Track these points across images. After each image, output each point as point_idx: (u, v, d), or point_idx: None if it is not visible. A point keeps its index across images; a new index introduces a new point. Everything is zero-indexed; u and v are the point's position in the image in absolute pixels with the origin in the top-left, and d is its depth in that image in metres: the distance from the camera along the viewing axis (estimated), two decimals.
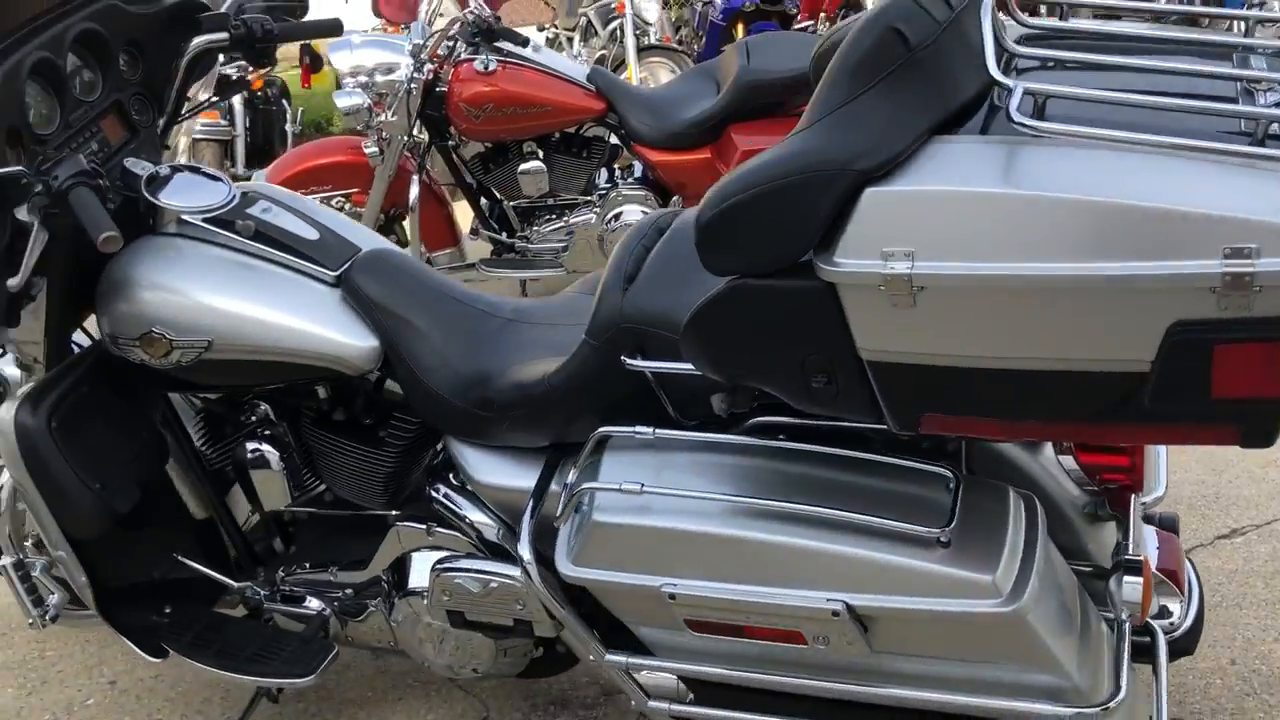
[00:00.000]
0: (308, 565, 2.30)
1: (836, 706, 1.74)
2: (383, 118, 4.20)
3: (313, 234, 2.16)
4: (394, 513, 2.18)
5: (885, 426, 1.55)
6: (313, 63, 4.10)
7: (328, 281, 2.11)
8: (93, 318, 2.15)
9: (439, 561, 2.03)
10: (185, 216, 2.10)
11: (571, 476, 1.83)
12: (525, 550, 1.85)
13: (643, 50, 6.49)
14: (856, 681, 1.67)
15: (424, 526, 2.12)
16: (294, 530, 2.37)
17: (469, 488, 2.05)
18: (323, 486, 2.28)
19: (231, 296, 2.06)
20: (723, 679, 1.76)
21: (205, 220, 2.11)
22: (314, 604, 2.28)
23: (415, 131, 4.30)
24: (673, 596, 1.67)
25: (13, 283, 1.95)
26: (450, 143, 4.41)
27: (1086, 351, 1.38)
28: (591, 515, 1.73)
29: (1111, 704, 1.57)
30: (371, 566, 2.20)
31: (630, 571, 1.71)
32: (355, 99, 4.15)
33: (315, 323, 2.06)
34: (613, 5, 6.40)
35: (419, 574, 2.12)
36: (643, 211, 4.24)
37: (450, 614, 2.06)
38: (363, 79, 4.26)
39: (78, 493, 2.13)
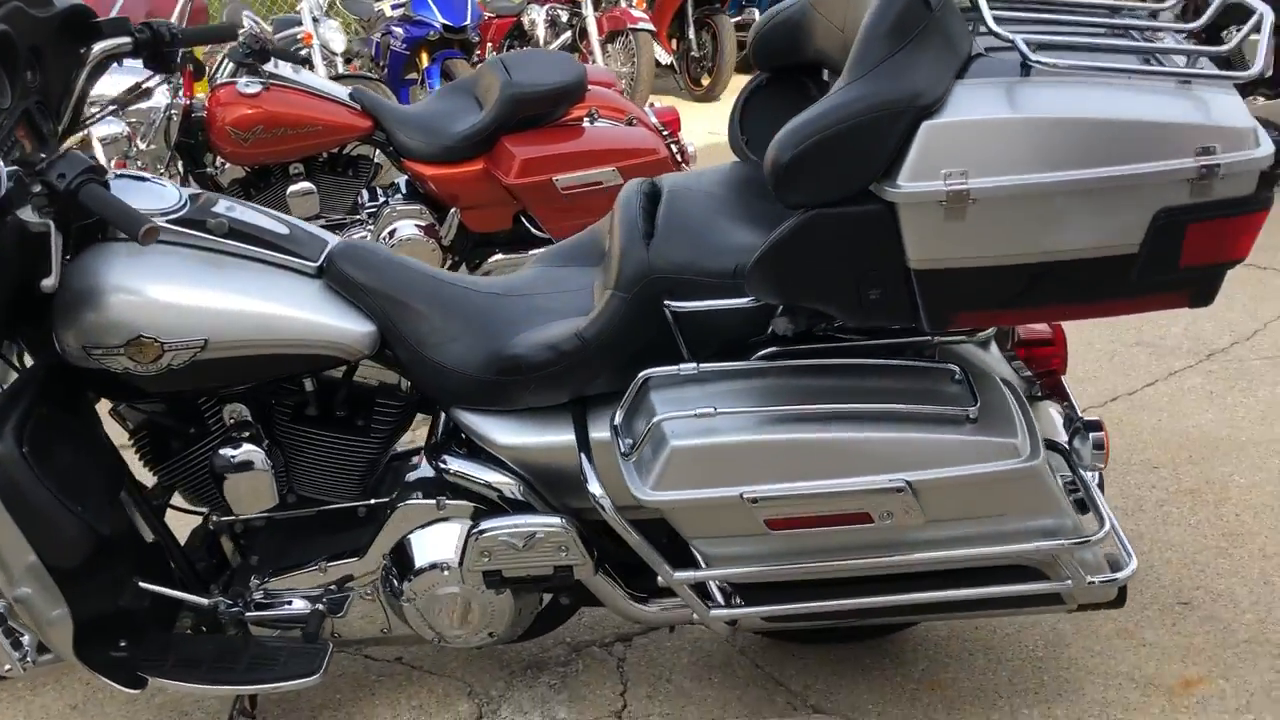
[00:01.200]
0: (282, 568, 2.27)
1: (869, 582, 2.02)
2: (141, 147, 4.02)
3: (282, 229, 2.18)
4: (388, 498, 2.22)
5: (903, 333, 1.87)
6: (196, 71, 3.87)
7: (309, 273, 2.13)
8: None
9: (475, 526, 2.11)
10: (159, 220, 2.03)
11: (618, 419, 2.00)
12: (596, 488, 1.98)
13: (334, 80, 6.48)
14: (905, 552, 1.96)
15: (433, 501, 2.18)
16: (244, 539, 2.31)
17: (485, 453, 2.13)
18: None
19: (222, 294, 2.04)
20: (781, 576, 1.99)
21: (171, 222, 2.06)
22: (298, 605, 2.25)
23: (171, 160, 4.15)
24: (755, 501, 1.89)
25: (48, 283, 1.85)
26: (209, 170, 4.28)
27: (1093, 240, 1.76)
28: (669, 442, 1.90)
29: (1100, 534, 1.97)
30: (370, 554, 2.22)
31: (711, 487, 1.90)
32: (114, 127, 3.94)
33: (311, 311, 2.08)
34: (299, 36, 6.33)
35: (435, 548, 2.17)
36: (417, 226, 4.30)
37: (486, 575, 2.14)
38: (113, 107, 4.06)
39: (61, 517, 2.02)
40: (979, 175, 1.70)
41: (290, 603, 2.26)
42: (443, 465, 2.17)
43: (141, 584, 2.22)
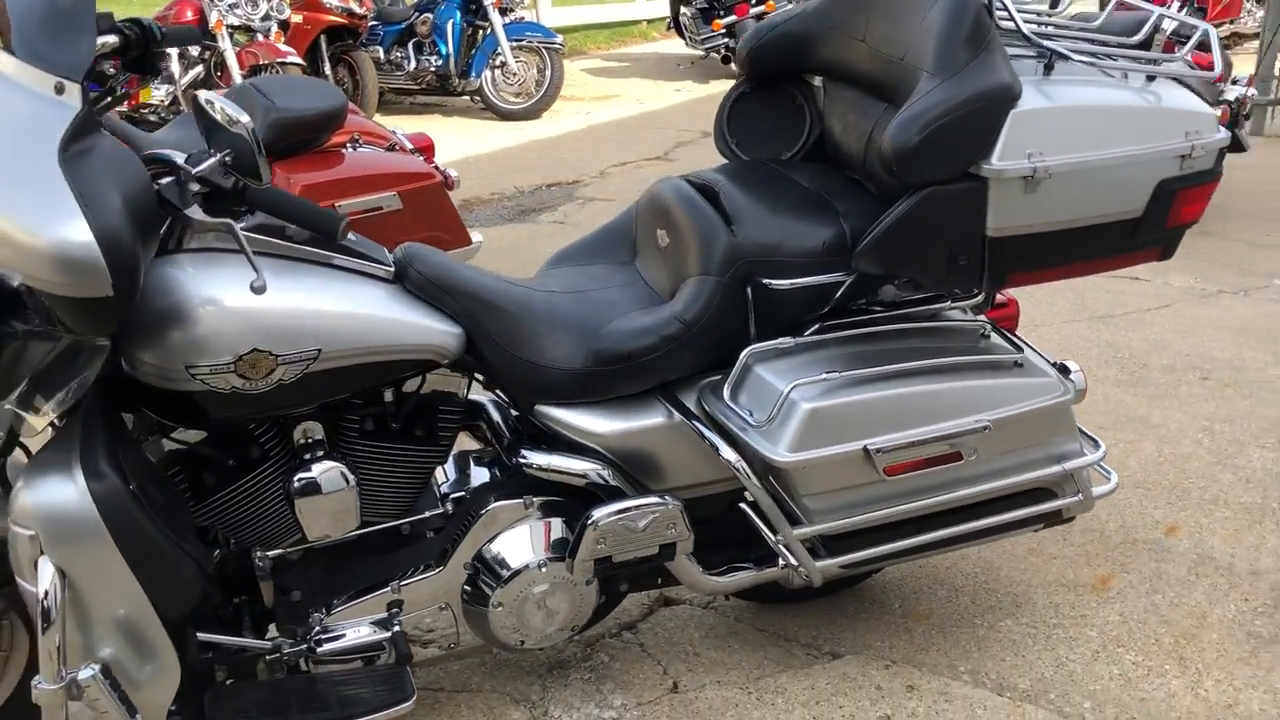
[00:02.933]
0: (347, 597, 2.16)
1: (932, 519, 2.30)
2: None
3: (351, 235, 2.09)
4: (462, 505, 2.20)
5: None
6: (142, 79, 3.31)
7: (388, 277, 2.08)
8: None
9: (590, 515, 2.14)
10: (238, 229, 1.90)
11: (727, 393, 2.14)
12: (731, 454, 2.10)
13: None
14: (981, 484, 2.26)
15: (519, 501, 2.19)
16: (289, 573, 2.17)
17: (566, 446, 2.18)
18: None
19: (327, 302, 1.96)
20: (886, 519, 2.22)
21: (247, 229, 1.94)
22: (366, 632, 2.16)
23: None
24: (879, 451, 2.11)
25: (259, 284, 1.69)
26: None
27: (1114, 206, 2.18)
28: (801, 405, 2.07)
29: (1101, 452, 2.39)
30: (451, 566, 2.17)
31: (839, 443, 2.10)
32: None
33: (409, 315, 2.04)
34: None
35: (529, 546, 2.18)
36: None
37: (598, 564, 2.17)
38: None
39: (178, 558, 1.84)
40: (1053, 155, 2.06)
41: (359, 631, 2.16)
42: (524, 462, 2.18)
43: (200, 634, 2.03)
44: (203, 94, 1.78)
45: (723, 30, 9.73)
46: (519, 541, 2.19)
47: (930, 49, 2.09)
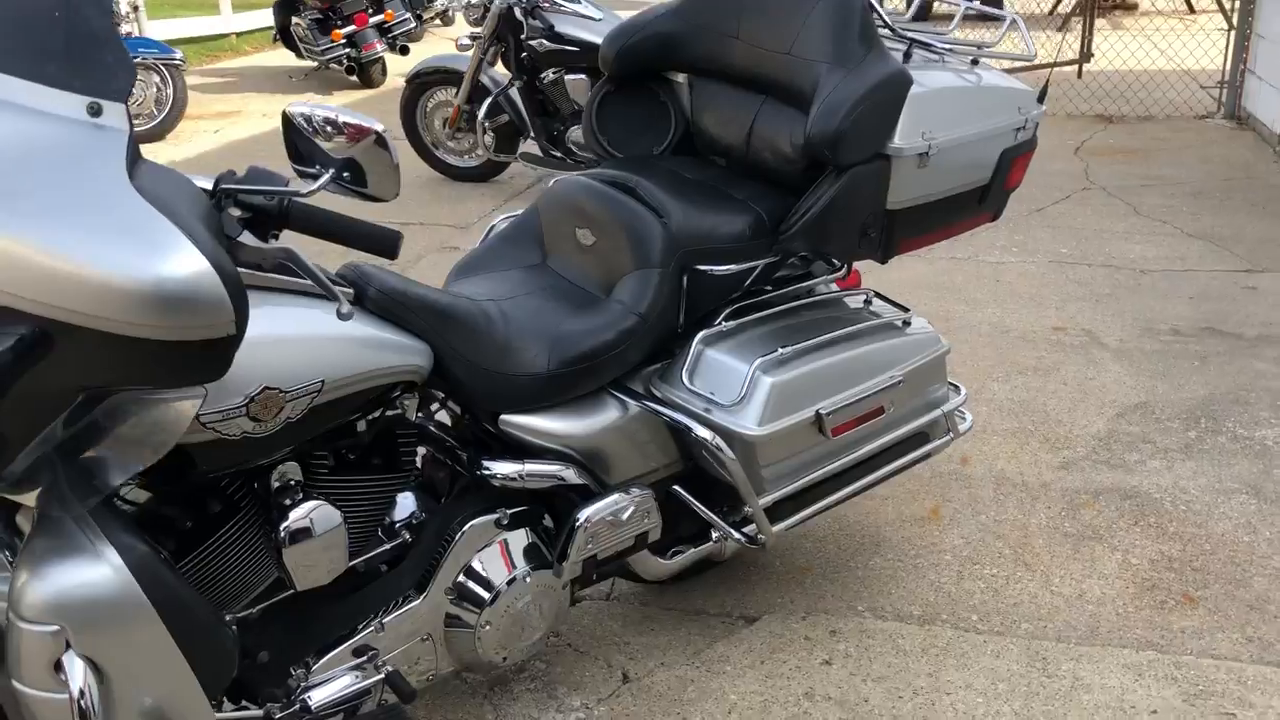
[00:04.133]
0: (327, 645, 2.03)
1: (853, 470, 2.50)
2: None
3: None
4: (436, 529, 2.13)
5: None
6: None
7: (351, 300, 1.97)
8: None
9: (576, 520, 2.15)
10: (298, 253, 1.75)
11: (686, 379, 2.22)
12: (706, 433, 2.17)
13: None
14: (892, 432, 2.49)
15: (494, 516, 2.15)
16: (259, 629, 2.01)
17: (525, 452, 2.16)
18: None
19: (318, 328, 1.83)
20: (829, 473, 2.39)
21: None
22: (354, 678, 2.04)
23: None
24: (828, 414, 2.27)
25: (345, 309, 1.53)
26: None
27: (974, 176, 2.48)
28: (764, 380, 2.19)
29: (964, 395, 2.70)
30: (432, 594, 2.10)
31: (796, 411, 2.24)
32: None
33: (387, 336, 1.96)
34: None
35: (511, 561, 2.15)
36: None
37: (585, 564, 2.17)
38: None
39: (218, 627, 1.67)
40: (940, 133, 2.32)
41: (347, 679, 2.03)
42: (489, 474, 2.14)
43: None
44: (294, 107, 1.61)
45: (343, 40, 9.50)
46: (500, 556, 2.15)
47: (825, 43, 2.28)
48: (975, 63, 2.56)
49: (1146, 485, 3.27)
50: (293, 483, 1.91)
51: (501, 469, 2.14)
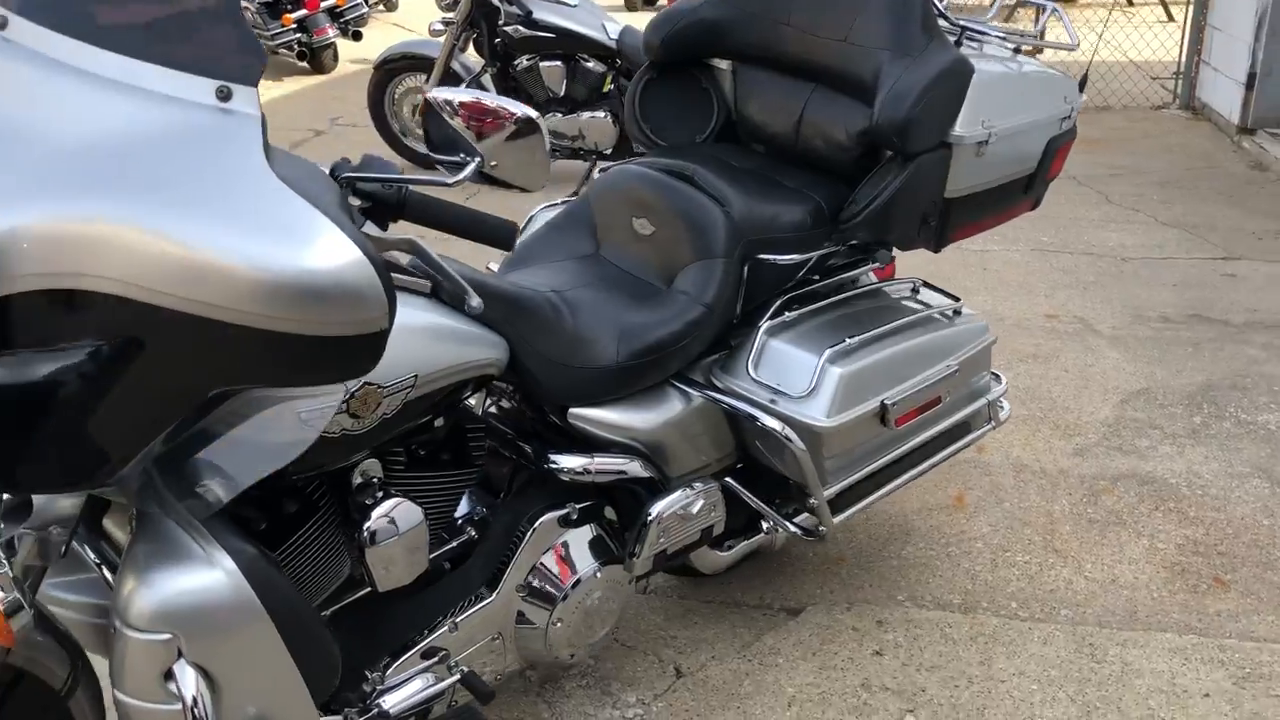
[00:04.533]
0: (400, 646, 1.97)
1: (906, 460, 2.49)
2: None
3: None
4: (506, 525, 2.08)
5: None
6: None
7: (427, 292, 1.91)
8: None
9: (649, 515, 2.12)
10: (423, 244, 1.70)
11: (751, 369, 2.20)
12: (776, 424, 2.14)
13: None
14: (945, 420, 2.48)
15: (563, 511, 2.11)
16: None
17: (592, 446, 2.13)
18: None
19: (405, 319, 1.76)
20: (887, 462, 2.38)
21: None
22: (428, 680, 1.98)
23: None
24: (891, 405, 2.26)
25: (475, 302, 1.47)
26: None
27: (1023, 165, 2.49)
28: (833, 370, 2.17)
29: (1006, 383, 2.70)
30: (503, 592, 2.05)
31: (862, 401, 2.22)
32: None
33: (468, 328, 1.90)
34: None
35: (585, 555, 2.12)
36: None
37: (655, 559, 2.14)
38: None
39: (324, 633, 1.62)
40: (997, 121, 2.32)
41: (419, 682, 1.98)
42: (557, 468, 2.09)
43: None
44: (437, 92, 1.54)
45: (294, 25, 9.30)
46: (570, 553, 2.11)
47: (886, 31, 2.26)
48: (1017, 51, 2.56)
49: (1161, 471, 3.31)
50: (374, 480, 1.85)
51: (570, 463, 2.10)
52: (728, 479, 2.33)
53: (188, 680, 1.46)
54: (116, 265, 1.23)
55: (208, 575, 1.47)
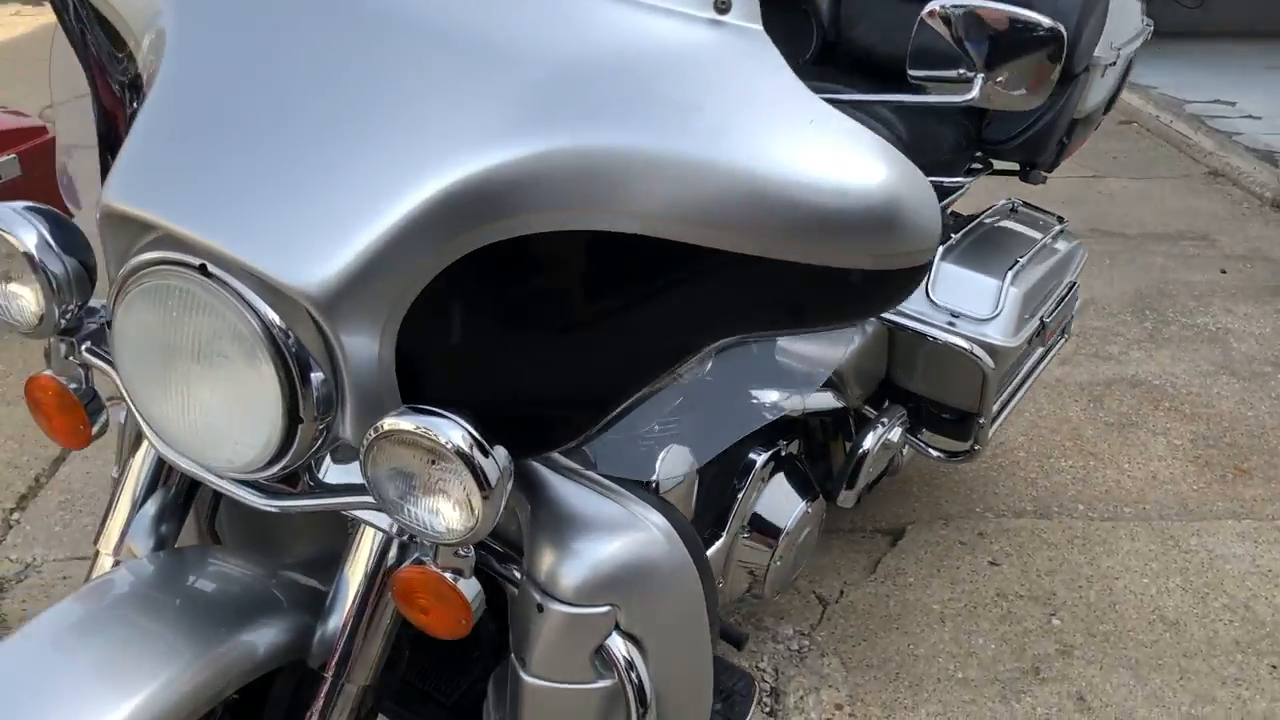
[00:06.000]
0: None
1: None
2: None
3: None
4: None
5: None
6: None
7: None
8: None
9: (862, 447, 2.12)
10: None
11: (932, 293, 2.20)
12: (964, 344, 2.15)
13: None
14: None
15: (775, 449, 2.05)
16: None
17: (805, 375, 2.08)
18: None
19: None
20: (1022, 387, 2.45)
21: None
22: None
23: None
24: (1048, 321, 2.32)
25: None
26: None
27: (1117, 85, 2.58)
28: (1014, 291, 2.20)
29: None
30: (727, 535, 1.97)
31: (1031, 320, 2.27)
32: None
33: None
34: None
35: (795, 491, 2.05)
36: None
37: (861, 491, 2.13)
38: None
39: (715, 591, 1.53)
40: (1119, 44, 2.40)
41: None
42: (770, 403, 2.04)
43: None
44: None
45: None
46: (786, 489, 2.06)
47: None
48: None
49: (1143, 374, 3.57)
50: None
51: (783, 399, 2.04)
52: (866, 407, 2.33)
53: (618, 651, 1.34)
54: (657, 202, 1.09)
55: (644, 537, 1.34)
